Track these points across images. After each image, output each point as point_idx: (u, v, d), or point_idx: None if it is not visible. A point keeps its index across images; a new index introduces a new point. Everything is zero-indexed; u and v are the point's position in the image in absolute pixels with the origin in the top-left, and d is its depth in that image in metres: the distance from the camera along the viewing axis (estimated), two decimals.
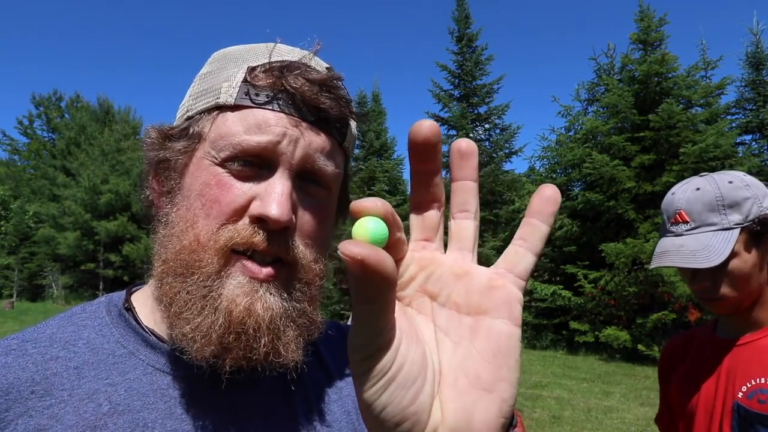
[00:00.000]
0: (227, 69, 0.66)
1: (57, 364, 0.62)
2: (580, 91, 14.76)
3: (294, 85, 0.61)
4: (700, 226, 1.27)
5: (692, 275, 1.30)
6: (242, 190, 0.61)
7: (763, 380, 1.19)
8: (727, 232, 1.23)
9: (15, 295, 29.16)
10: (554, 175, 14.49)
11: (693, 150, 10.85)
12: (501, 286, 0.36)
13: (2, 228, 32.41)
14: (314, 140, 0.63)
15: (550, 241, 13.14)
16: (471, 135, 16.54)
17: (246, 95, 0.62)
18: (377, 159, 18.75)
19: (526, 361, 10.75)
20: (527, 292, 13.31)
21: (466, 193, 0.38)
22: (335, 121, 0.65)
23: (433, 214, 0.38)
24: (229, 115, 0.63)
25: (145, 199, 0.71)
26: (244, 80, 0.63)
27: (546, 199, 0.37)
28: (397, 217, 0.34)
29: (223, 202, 0.61)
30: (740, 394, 1.22)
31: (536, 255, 0.37)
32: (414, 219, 0.38)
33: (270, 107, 0.62)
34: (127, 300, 0.71)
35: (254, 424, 0.65)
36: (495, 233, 15.64)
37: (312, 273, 0.64)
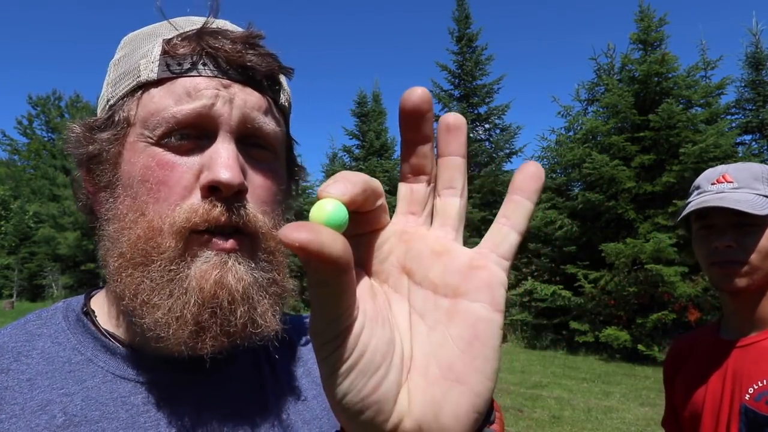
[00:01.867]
0: (142, 47, 0.62)
1: (8, 377, 0.58)
2: (580, 91, 14.77)
3: (215, 46, 0.59)
4: (744, 187, 1.27)
5: (721, 231, 1.28)
6: (187, 164, 0.58)
7: None
8: None
9: (15, 295, 29.14)
10: (554, 175, 14.48)
11: (693, 150, 10.84)
12: (483, 266, 0.34)
13: (2, 228, 32.39)
14: (248, 99, 0.60)
15: (550, 241, 13.14)
16: (471, 135, 16.53)
17: (167, 67, 0.59)
18: (377, 159, 18.74)
19: (526, 361, 10.75)
20: (527, 292, 13.29)
21: (452, 169, 0.36)
22: (265, 78, 0.62)
23: (421, 188, 0.36)
24: (154, 90, 0.59)
25: (83, 206, 0.67)
26: (163, 52, 0.60)
27: (530, 175, 0.35)
28: (374, 184, 0.33)
29: (170, 182, 0.57)
30: (747, 396, 1.20)
31: (520, 233, 0.35)
32: (401, 191, 0.37)
33: (195, 73, 0.59)
34: (86, 304, 0.67)
35: (220, 424, 0.62)
36: None
37: (274, 240, 0.61)
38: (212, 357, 0.58)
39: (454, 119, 0.36)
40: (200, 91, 0.58)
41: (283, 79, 0.67)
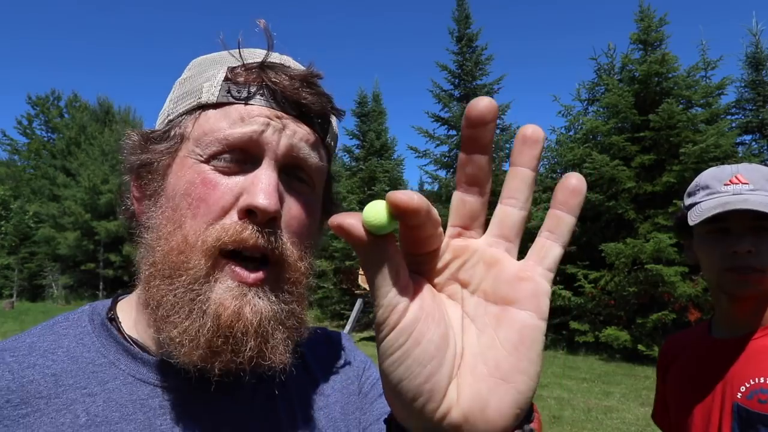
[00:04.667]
0: (207, 71, 0.67)
1: (34, 371, 0.61)
2: (581, 91, 14.77)
3: (275, 80, 0.62)
4: (760, 189, 1.21)
5: (739, 235, 1.22)
6: (228, 186, 0.61)
7: (762, 380, 1.18)
8: None
9: (15, 295, 29.15)
10: (554, 175, 14.48)
11: (693, 150, 10.85)
12: (529, 278, 0.37)
13: (2, 228, 32.39)
14: (298, 131, 0.64)
15: None
16: None
17: (228, 93, 0.63)
18: (377, 159, 18.73)
19: None
20: None
21: (520, 180, 0.37)
22: (317, 117, 0.66)
23: (475, 201, 0.37)
24: (212, 112, 0.63)
25: (126, 210, 0.71)
26: (225, 78, 0.64)
27: (571, 190, 0.37)
28: (434, 212, 0.35)
29: (210, 201, 0.60)
30: (739, 395, 1.20)
31: (563, 246, 0.37)
32: (455, 202, 0.37)
33: (252, 102, 0.62)
34: (112, 309, 0.70)
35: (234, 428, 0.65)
36: None
37: (299, 271, 0.64)
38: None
39: (533, 132, 0.36)
40: (253, 118, 0.62)
41: (333, 120, 0.71)
